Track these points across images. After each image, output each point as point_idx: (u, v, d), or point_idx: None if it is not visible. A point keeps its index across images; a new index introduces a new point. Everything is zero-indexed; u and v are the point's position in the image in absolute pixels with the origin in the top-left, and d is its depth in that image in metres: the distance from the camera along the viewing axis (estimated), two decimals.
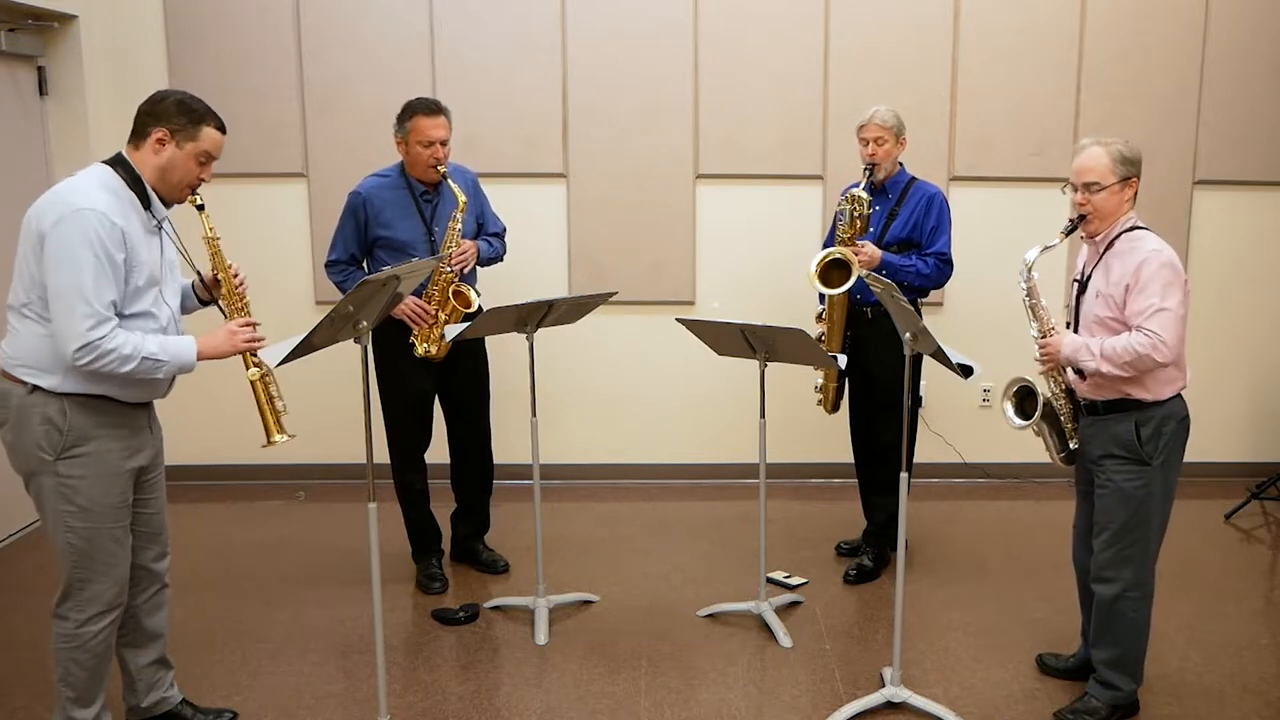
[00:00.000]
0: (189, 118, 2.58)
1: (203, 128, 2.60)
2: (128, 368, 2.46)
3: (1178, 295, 2.73)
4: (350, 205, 3.70)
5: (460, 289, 3.71)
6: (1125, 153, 2.81)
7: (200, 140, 2.59)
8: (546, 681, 3.25)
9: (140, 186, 2.57)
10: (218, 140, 2.64)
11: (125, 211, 2.51)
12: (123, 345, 2.45)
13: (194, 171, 2.62)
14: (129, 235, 2.48)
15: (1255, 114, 4.87)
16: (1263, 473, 4.84)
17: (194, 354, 2.59)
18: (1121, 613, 2.91)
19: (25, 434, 2.52)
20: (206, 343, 2.63)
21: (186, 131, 2.57)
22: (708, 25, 4.80)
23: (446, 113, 3.65)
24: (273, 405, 2.75)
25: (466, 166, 3.92)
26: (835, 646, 3.47)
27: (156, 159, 2.57)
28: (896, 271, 3.73)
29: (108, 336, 2.43)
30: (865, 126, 3.79)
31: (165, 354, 2.52)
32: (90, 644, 2.61)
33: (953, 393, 4.88)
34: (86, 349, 2.41)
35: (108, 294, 2.44)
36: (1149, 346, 2.70)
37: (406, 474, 3.88)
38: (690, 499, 4.93)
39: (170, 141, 2.57)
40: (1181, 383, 2.86)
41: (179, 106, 2.59)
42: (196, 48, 4.79)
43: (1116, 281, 2.79)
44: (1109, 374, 2.78)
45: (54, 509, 2.55)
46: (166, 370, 2.55)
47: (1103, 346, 2.78)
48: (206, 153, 2.62)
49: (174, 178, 2.60)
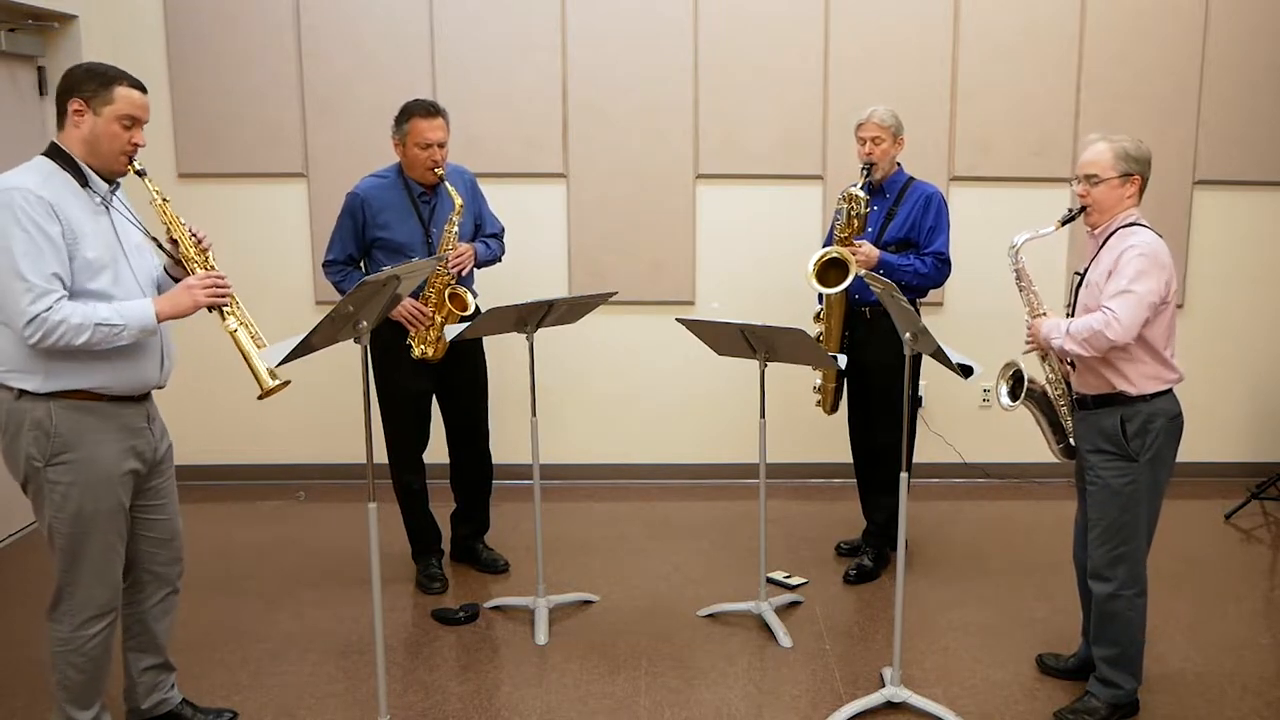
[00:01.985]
0: (99, 81, 2.47)
1: (114, 88, 2.47)
2: (83, 337, 2.39)
3: (1150, 284, 2.75)
4: (348, 206, 3.69)
5: (457, 292, 3.71)
6: (1129, 150, 2.85)
7: (116, 102, 2.47)
8: (546, 681, 3.25)
9: (74, 166, 2.49)
10: (135, 99, 2.51)
11: (58, 188, 2.44)
12: (71, 315, 2.38)
13: (121, 137, 2.50)
14: (60, 208, 2.40)
15: (1255, 114, 4.87)
16: (1263, 473, 4.84)
17: (152, 314, 2.49)
18: (1118, 611, 2.92)
19: (17, 440, 2.49)
20: (164, 302, 2.53)
21: (100, 96, 2.46)
22: (708, 25, 4.80)
23: (444, 114, 3.63)
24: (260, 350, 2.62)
25: (464, 167, 3.92)
26: (835, 646, 3.47)
27: (79, 132, 2.48)
28: (894, 271, 3.73)
29: (53, 308, 2.36)
30: (863, 126, 3.79)
31: (120, 318, 2.44)
32: (85, 648, 2.59)
33: (953, 393, 4.88)
34: (34, 324, 2.35)
35: (45, 266, 2.36)
36: (1102, 323, 2.74)
37: (405, 474, 3.88)
38: (690, 499, 4.93)
39: (86, 110, 2.46)
40: (1170, 379, 2.87)
41: (87, 73, 2.49)
42: (196, 48, 4.79)
43: (1103, 271, 2.84)
44: (1072, 351, 2.83)
45: (46, 513, 2.53)
46: (128, 335, 2.46)
47: (1070, 325, 2.84)
48: (127, 115, 2.49)
49: (102, 147, 2.49)
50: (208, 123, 4.83)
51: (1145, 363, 2.82)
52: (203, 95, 4.81)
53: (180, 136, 4.85)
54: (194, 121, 4.85)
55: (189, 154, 4.85)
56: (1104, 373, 2.85)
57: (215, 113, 4.83)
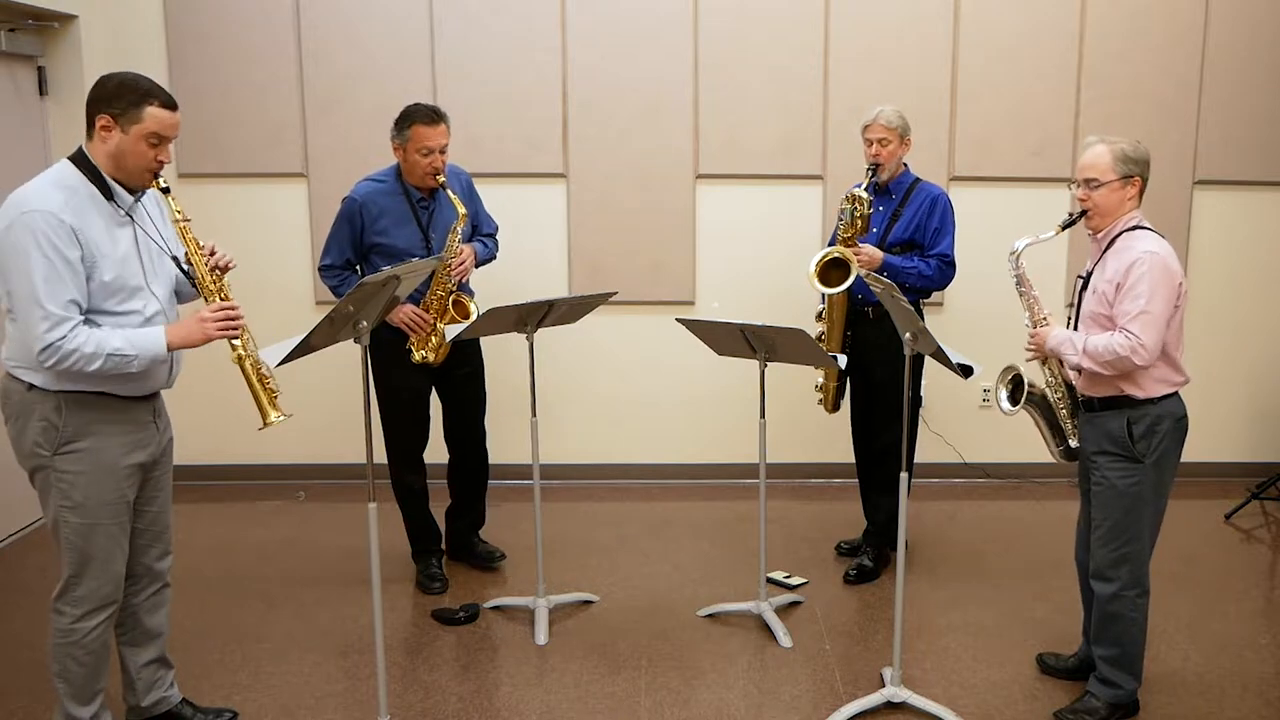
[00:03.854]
0: (130, 99, 2.45)
1: (145, 107, 2.46)
2: (94, 365, 2.41)
3: (1164, 297, 2.74)
4: (345, 211, 3.67)
5: (460, 299, 3.73)
6: (1129, 152, 2.83)
7: (144, 121, 2.46)
8: (546, 681, 3.25)
9: (99, 179, 2.49)
10: (165, 119, 2.49)
11: (81, 207, 2.44)
12: (85, 344, 2.39)
13: (147, 154, 2.49)
14: (82, 231, 2.41)
15: (1255, 114, 4.86)
16: (1263, 473, 4.84)
17: (163, 346, 2.50)
18: (1119, 611, 2.92)
19: (26, 431, 2.53)
20: (176, 332, 2.53)
21: (128, 114, 2.45)
22: (708, 25, 4.80)
23: (446, 120, 3.61)
24: (265, 385, 2.63)
25: (461, 167, 3.90)
26: (835, 646, 3.47)
27: (105, 146, 2.47)
28: (899, 273, 3.73)
29: (68, 337, 2.37)
30: (869, 127, 3.78)
31: (132, 348, 2.45)
32: (85, 640, 2.61)
33: (953, 393, 4.88)
34: (48, 351, 2.37)
35: (63, 294, 2.38)
36: (1128, 349, 2.73)
37: (405, 475, 3.88)
38: (690, 499, 4.93)
39: (115, 127, 2.45)
40: (1177, 382, 2.87)
41: (119, 88, 2.46)
42: (196, 48, 4.79)
43: (1109, 279, 2.82)
44: (1090, 370, 2.82)
45: (53, 504, 2.55)
46: (138, 364, 2.47)
47: (1086, 343, 2.81)
48: (155, 133, 2.48)
49: (127, 164, 2.49)
50: (208, 123, 4.82)
51: (1156, 367, 2.81)
52: (203, 95, 4.81)
53: (180, 136, 4.80)
54: (194, 121, 4.81)
55: (189, 154, 4.84)
56: (1115, 380, 2.84)
57: (215, 113, 4.82)
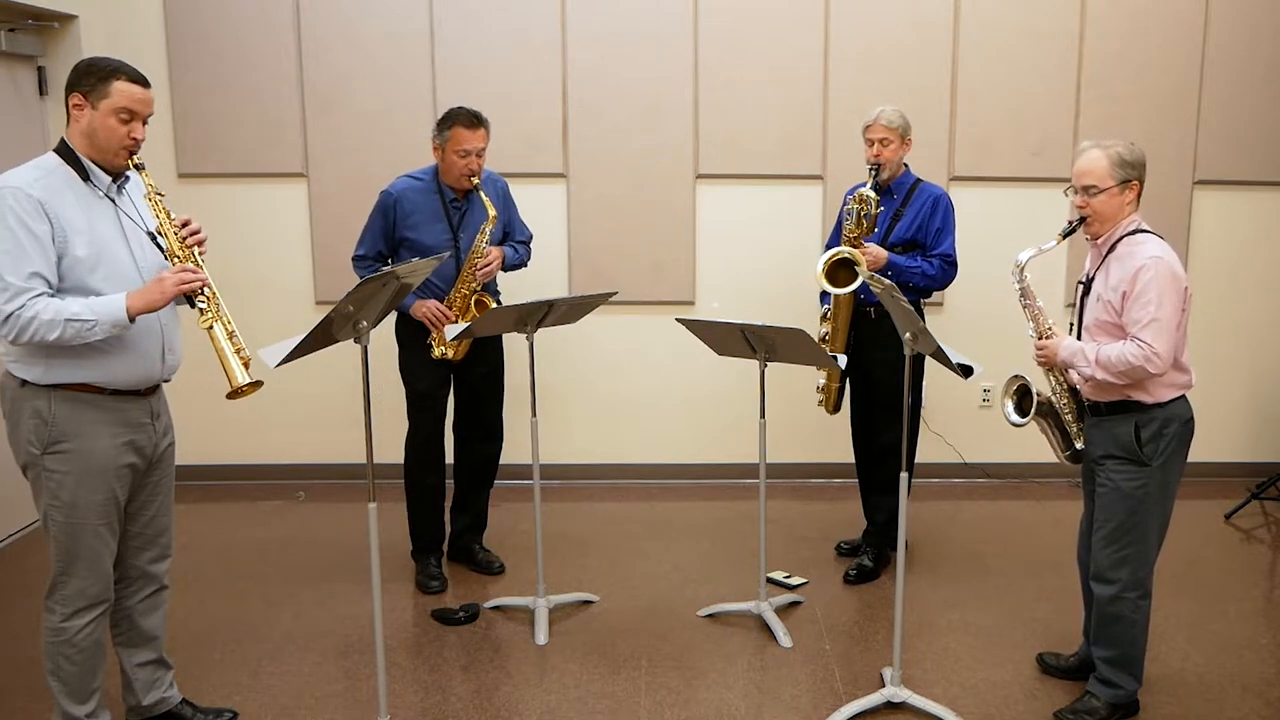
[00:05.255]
0: (98, 75, 2.48)
1: (112, 82, 2.47)
2: (55, 333, 2.39)
3: (1172, 303, 2.73)
4: (381, 204, 3.75)
5: (483, 299, 3.78)
6: (1125, 155, 2.81)
7: (112, 95, 2.47)
8: (546, 681, 3.25)
9: (76, 161, 2.51)
10: (133, 93, 2.50)
11: (54, 185, 2.46)
12: (43, 311, 2.38)
13: (118, 130, 2.50)
14: (51, 205, 2.42)
15: (1255, 114, 4.87)
16: (1263, 473, 4.84)
17: (123, 309, 2.45)
18: (1120, 613, 2.91)
19: (19, 427, 2.54)
20: (137, 296, 2.49)
21: (97, 90, 2.47)
22: (708, 25, 4.80)
23: (486, 125, 3.68)
24: (237, 351, 2.57)
25: (498, 175, 3.96)
26: (835, 646, 3.47)
27: (79, 126, 2.50)
28: (902, 273, 3.73)
29: (25, 305, 2.37)
30: (870, 127, 3.78)
31: (91, 313, 2.42)
32: (76, 639, 2.60)
33: (953, 393, 4.87)
34: (8, 322, 2.37)
35: (25, 266, 2.38)
36: (1142, 358, 2.72)
37: (423, 471, 3.90)
38: (690, 499, 4.93)
39: (85, 104, 2.48)
40: (1185, 385, 2.86)
41: (88, 67, 2.50)
42: (196, 48, 4.79)
43: (1114, 286, 2.80)
44: (1103, 380, 2.81)
45: (43, 501, 2.57)
46: (100, 330, 2.44)
47: (1098, 354, 2.80)
48: (124, 109, 2.49)
49: (100, 140, 2.50)
50: (208, 123, 4.83)
51: (1165, 372, 2.80)
52: (203, 95, 4.81)
53: (180, 136, 4.85)
54: (194, 121, 4.85)
55: (189, 154, 4.85)
56: (1123, 387, 2.83)
57: (215, 113, 4.83)
